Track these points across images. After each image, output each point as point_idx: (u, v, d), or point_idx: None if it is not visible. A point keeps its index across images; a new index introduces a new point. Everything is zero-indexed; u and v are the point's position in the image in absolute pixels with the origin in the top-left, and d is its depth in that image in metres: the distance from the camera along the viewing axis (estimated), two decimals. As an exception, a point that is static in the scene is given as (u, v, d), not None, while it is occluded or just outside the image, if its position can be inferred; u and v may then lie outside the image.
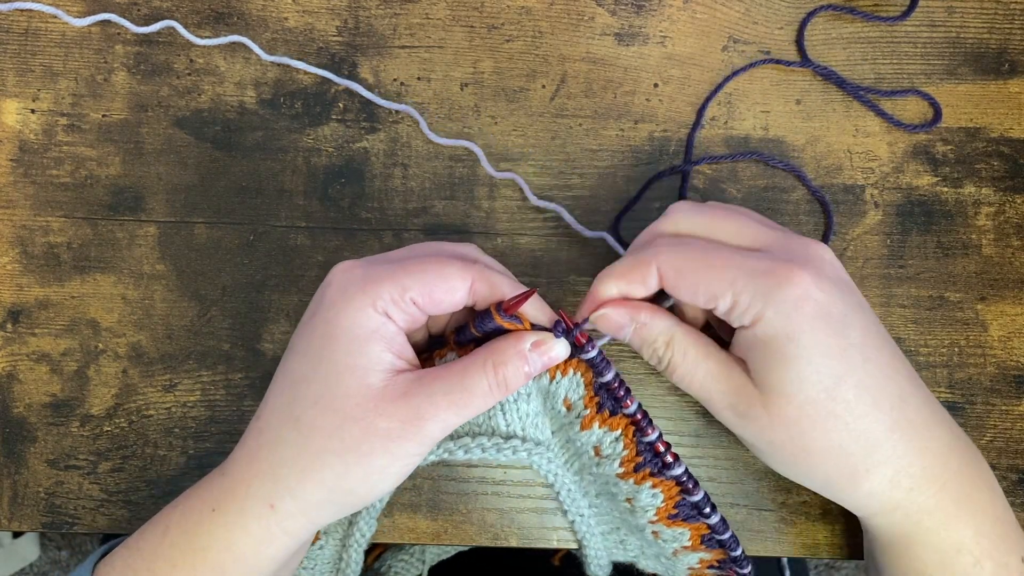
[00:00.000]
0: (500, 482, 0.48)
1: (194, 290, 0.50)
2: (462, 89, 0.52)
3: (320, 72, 0.51)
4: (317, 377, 0.37)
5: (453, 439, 0.45)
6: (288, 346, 0.41)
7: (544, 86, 0.52)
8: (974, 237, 0.51)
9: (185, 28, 0.51)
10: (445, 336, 0.44)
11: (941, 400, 0.49)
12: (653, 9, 0.53)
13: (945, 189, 0.51)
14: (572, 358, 0.41)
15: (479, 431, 0.45)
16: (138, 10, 0.52)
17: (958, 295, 0.50)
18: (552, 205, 0.50)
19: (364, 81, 0.52)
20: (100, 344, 0.49)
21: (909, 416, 0.39)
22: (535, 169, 0.51)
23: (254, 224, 0.50)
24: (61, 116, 0.51)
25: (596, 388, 0.42)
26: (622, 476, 0.43)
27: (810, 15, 0.53)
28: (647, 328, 0.41)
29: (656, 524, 0.43)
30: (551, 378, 0.42)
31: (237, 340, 0.49)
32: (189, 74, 0.51)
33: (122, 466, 0.48)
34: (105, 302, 0.49)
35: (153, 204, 0.50)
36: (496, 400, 0.38)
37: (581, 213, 0.51)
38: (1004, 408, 0.49)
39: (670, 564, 0.46)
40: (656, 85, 0.52)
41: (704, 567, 0.45)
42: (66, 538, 1.38)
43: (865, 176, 0.51)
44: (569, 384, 0.42)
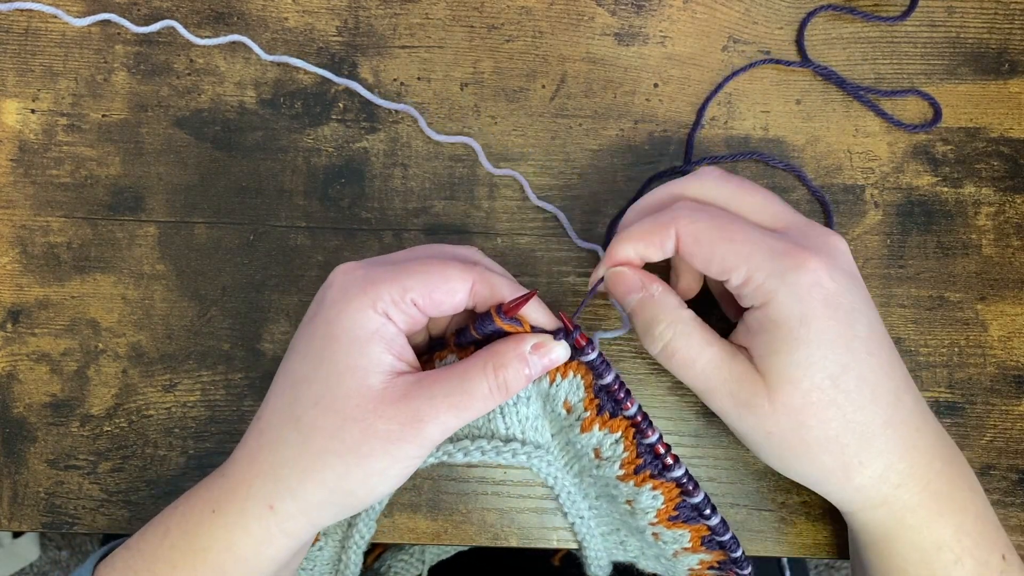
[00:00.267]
0: (500, 482, 0.48)
1: (194, 290, 0.50)
2: (462, 89, 0.52)
3: (320, 72, 0.51)
4: (318, 378, 0.37)
5: (453, 442, 0.45)
6: (289, 347, 0.41)
7: (544, 86, 0.52)
8: (974, 237, 0.51)
9: (185, 28, 0.51)
10: (445, 338, 0.44)
11: (941, 400, 0.49)
12: (653, 9, 0.53)
13: (945, 189, 0.51)
14: (572, 360, 0.41)
15: (479, 434, 0.45)
16: (138, 10, 0.52)
17: (958, 295, 0.50)
18: (550, 207, 0.50)
19: (364, 81, 0.52)
20: (100, 344, 0.49)
21: (902, 414, 0.39)
22: (535, 169, 0.51)
23: (254, 224, 0.50)
24: (61, 116, 0.51)
25: (596, 390, 0.42)
26: (622, 478, 0.43)
27: (810, 15, 0.53)
28: (657, 302, 0.40)
29: (656, 526, 0.43)
30: (551, 381, 0.42)
31: (237, 340, 0.49)
32: (189, 74, 0.51)
33: (122, 466, 0.48)
34: (105, 302, 0.49)
35: (153, 204, 0.50)
36: (496, 403, 0.38)
37: (581, 213, 0.51)
38: (1004, 408, 0.49)
39: (670, 565, 0.46)
40: (656, 85, 0.52)
41: (704, 568, 0.45)
42: (66, 538, 1.38)
43: (865, 176, 0.51)
44: (569, 386, 0.42)
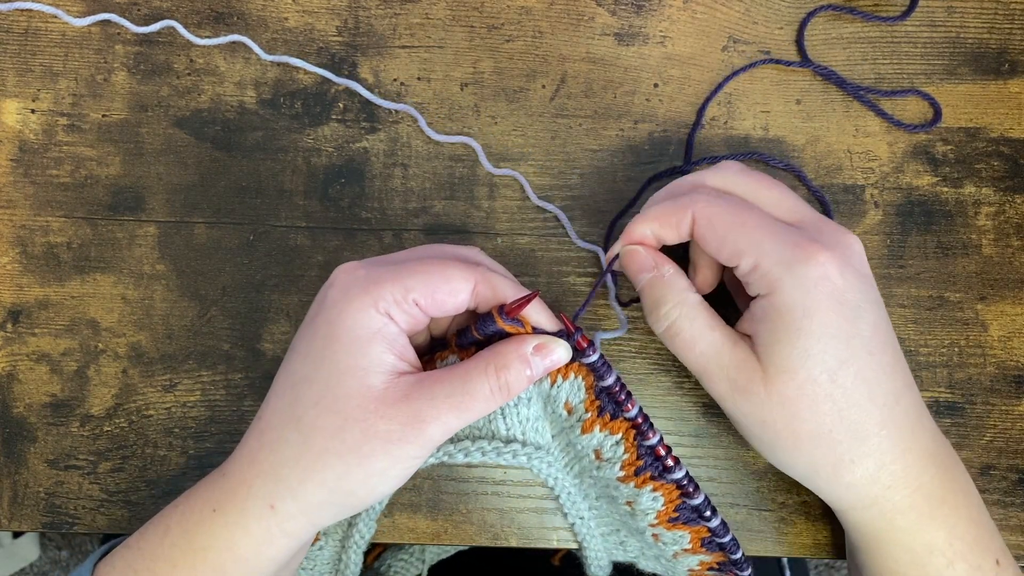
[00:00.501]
0: (500, 482, 0.48)
1: (194, 290, 0.50)
2: (462, 89, 0.52)
3: (320, 72, 0.51)
4: (319, 378, 0.37)
5: (453, 442, 0.45)
6: (290, 347, 0.41)
7: (544, 86, 0.52)
8: (974, 237, 0.51)
9: (185, 28, 0.51)
10: (446, 339, 0.44)
11: (941, 400, 0.49)
12: (653, 9, 0.53)
13: (945, 189, 0.51)
14: (573, 362, 0.41)
15: (479, 435, 0.45)
16: (138, 10, 0.52)
17: (958, 295, 0.50)
18: (550, 207, 0.50)
19: (364, 81, 0.52)
20: (100, 344, 0.49)
21: (899, 416, 0.39)
22: (535, 169, 0.51)
23: (254, 224, 0.50)
24: (61, 116, 0.51)
25: (597, 392, 0.42)
26: (623, 479, 0.43)
27: (810, 15, 0.53)
28: (666, 282, 0.41)
29: (656, 527, 0.43)
30: (552, 382, 0.42)
31: (237, 340, 0.49)
32: (189, 74, 0.51)
33: (122, 466, 0.48)
34: (105, 302, 0.49)
35: (153, 204, 0.50)
36: (498, 404, 0.38)
37: (581, 213, 0.51)
38: (1004, 408, 0.49)
39: (670, 566, 0.46)
40: (656, 85, 0.52)
41: (704, 569, 0.45)
42: (66, 538, 1.38)
43: (865, 176, 0.51)
44: (570, 388, 0.42)
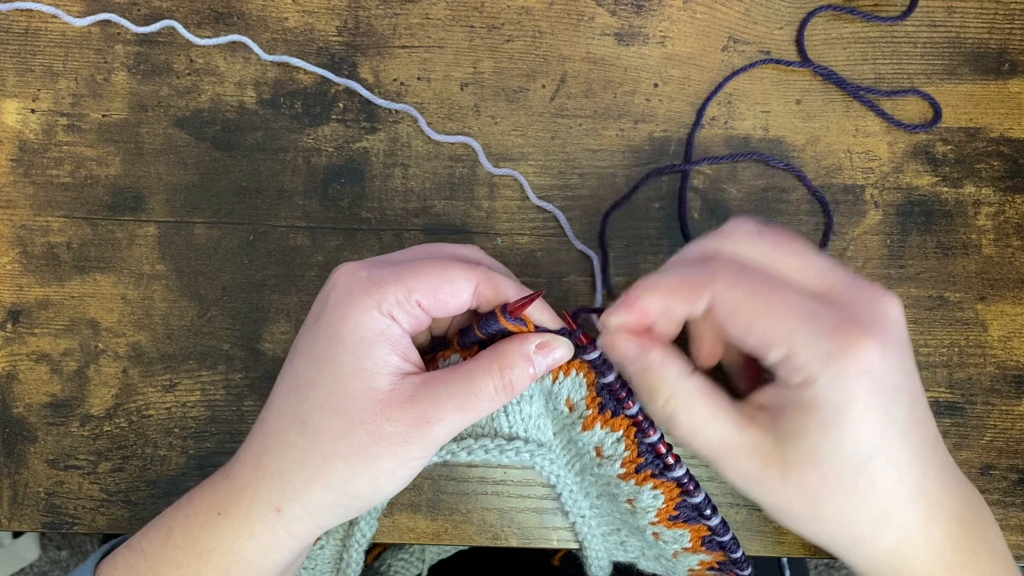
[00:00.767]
0: (500, 482, 0.48)
1: (194, 290, 0.50)
2: (462, 89, 0.52)
3: (320, 72, 0.51)
4: (323, 380, 0.37)
5: (456, 441, 0.45)
6: (292, 349, 0.40)
7: (544, 86, 0.52)
8: (974, 237, 0.51)
9: (185, 28, 0.51)
10: (448, 338, 0.44)
11: (941, 400, 0.49)
12: (653, 9, 0.53)
13: (945, 189, 0.52)
14: (575, 359, 0.41)
15: (482, 433, 0.45)
16: (138, 10, 0.52)
17: (958, 295, 0.50)
18: (550, 207, 0.50)
19: (364, 81, 0.52)
20: (100, 344, 0.49)
21: (926, 488, 0.37)
22: (535, 169, 0.51)
23: (254, 224, 0.50)
24: (61, 116, 0.51)
25: (598, 389, 0.42)
26: (623, 477, 0.43)
27: (810, 15, 0.53)
28: (655, 373, 0.38)
29: (657, 525, 0.43)
30: (554, 379, 0.42)
31: (237, 340, 0.49)
32: (189, 74, 0.51)
33: (122, 466, 0.48)
34: (105, 302, 0.49)
35: (153, 204, 0.50)
36: (502, 403, 0.38)
37: (581, 213, 0.51)
38: (1004, 408, 0.49)
39: (670, 565, 0.46)
40: (656, 85, 0.52)
41: (704, 568, 0.45)
42: (66, 538, 1.37)
43: (865, 176, 0.51)
44: (571, 385, 0.42)
